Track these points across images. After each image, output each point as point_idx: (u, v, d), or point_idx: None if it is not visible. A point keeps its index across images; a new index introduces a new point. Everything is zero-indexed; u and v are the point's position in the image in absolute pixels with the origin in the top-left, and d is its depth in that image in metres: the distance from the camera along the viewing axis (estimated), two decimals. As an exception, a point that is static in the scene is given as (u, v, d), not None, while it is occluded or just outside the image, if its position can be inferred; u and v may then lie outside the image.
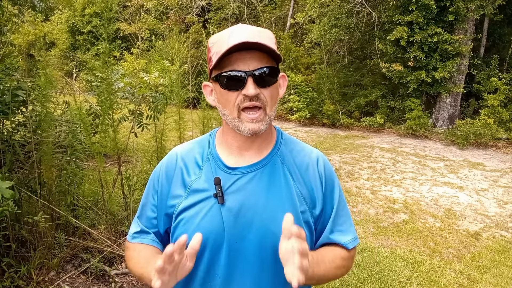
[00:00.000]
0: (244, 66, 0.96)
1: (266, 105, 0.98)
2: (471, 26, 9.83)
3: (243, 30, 0.98)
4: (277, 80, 1.01)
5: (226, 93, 0.99)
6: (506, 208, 5.16)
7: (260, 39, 0.95)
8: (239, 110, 0.98)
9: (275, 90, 1.02)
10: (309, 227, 1.04)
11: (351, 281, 3.21)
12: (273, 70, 0.99)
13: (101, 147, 3.04)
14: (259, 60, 0.96)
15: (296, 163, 1.07)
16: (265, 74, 0.97)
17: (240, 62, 0.96)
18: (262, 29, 1.02)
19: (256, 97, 0.96)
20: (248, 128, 0.98)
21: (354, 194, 5.54)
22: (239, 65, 0.96)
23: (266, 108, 0.99)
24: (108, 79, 2.98)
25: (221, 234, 1.00)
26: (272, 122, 1.08)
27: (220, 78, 0.98)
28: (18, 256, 2.84)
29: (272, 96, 1.00)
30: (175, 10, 15.71)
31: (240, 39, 0.93)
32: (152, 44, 14.89)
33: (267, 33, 1.01)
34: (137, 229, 1.14)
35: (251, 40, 0.93)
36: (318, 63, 12.70)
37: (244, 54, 0.96)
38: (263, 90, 0.97)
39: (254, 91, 0.95)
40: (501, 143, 9.13)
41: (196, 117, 3.38)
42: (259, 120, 0.98)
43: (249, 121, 0.98)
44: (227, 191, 1.02)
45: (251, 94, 0.95)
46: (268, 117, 0.99)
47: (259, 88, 0.97)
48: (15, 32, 4.62)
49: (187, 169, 1.09)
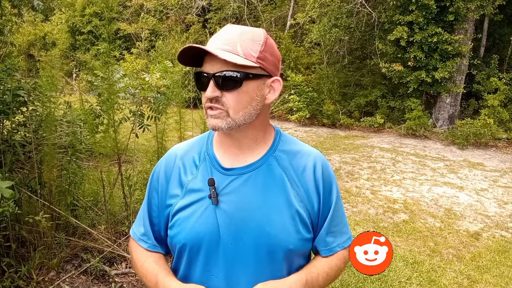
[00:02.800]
0: (210, 68, 0.97)
1: (228, 108, 0.97)
2: (471, 26, 9.83)
3: (224, 32, 1.00)
4: (242, 85, 0.97)
5: (202, 92, 1.02)
6: (506, 208, 5.16)
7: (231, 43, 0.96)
8: (205, 109, 1.01)
9: (244, 95, 0.98)
10: (306, 228, 1.04)
11: (351, 281, 3.22)
12: (238, 75, 0.95)
13: (101, 147, 3.04)
14: (223, 64, 0.95)
15: (293, 165, 1.07)
16: (226, 78, 0.96)
17: (207, 64, 0.98)
18: (248, 30, 1.00)
19: (216, 99, 0.97)
20: (209, 123, 1.00)
21: (354, 194, 5.54)
22: (206, 66, 0.98)
23: (229, 111, 0.97)
24: (109, 79, 2.98)
25: (216, 235, 1.00)
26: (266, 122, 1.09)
27: (195, 78, 1.02)
28: (18, 256, 2.84)
29: (237, 100, 0.97)
30: (175, 10, 15.70)
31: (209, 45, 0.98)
32: (152, 44, 14.91)
33: (252, 35, 0.99)
34: (141, 229, 1.15)
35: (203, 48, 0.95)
36: (318, 63, 12.69)
37: (212, 56, 0.97)
38: (226, 93, 0.97)
39: (210, 94, 0.96)
40: (501, 143, 9.14)
41: (197, 117, 3.39)
42: (217, 117, 0.98)
43: (209, 117, 1.00)
44: (222, 192, 1.02)
45: (208, 96, 0.97)
46: (231, 119, 0.98)
47: (222, 91, 0.97)
48: (15, 32, 4.61)
49: (184, 168, 1.09)
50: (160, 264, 1.09)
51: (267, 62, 1.00)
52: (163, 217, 1.10)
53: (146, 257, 1.12)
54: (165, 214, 1.09)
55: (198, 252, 1.02)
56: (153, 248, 1.13)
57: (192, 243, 1.02)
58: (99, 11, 17.02)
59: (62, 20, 20.19)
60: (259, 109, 1.02)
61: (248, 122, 1.01)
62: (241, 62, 0.94)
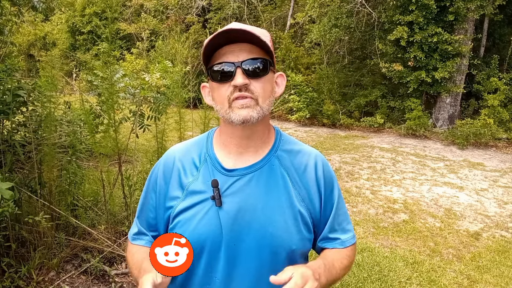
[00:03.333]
0: (233, 57, 0.95)
1: (258, 96, 0.97)
2: (471, 26, 9.83)
3: (233, 25, 0.97)
4: (268, 73, 0.99)
5: (218, 86, 0.98)
6: (506, 208, 5.16)
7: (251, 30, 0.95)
8: (229, 102, 0.97)
9: (268, 83, 1.00)
10: (307, 228, 1.04)
11: (351, 281, 3.22)
12: (264, 62, 0.97)
13: (102, 147, 3.04)
14: (249, 52, 0.96)
15: (294, 165, 1.07)
16: (255, 66, 0.96)
17: (229, 54, 0.96)
18: (256, 27, 1.01)
19: (245, 87, 0.95)
20: (238, 114, 0.95)
21: (354, 194, 5.54)
22: (228, 57, 0.96)
23: (258, 99, 0.97)
24: (109, 79, 2.98)
25: (219, 237, 1.00)
26: (269, 121, 1.09)
27: (211, 72, 0.99)
28: (18, 256, 2.84)
29: (265, 89, 0.98)
30: (175, 10, 15.71)
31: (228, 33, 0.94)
32: (152, 44, 14.91)
33: (261, 30, 1.01)
34: (135, 230, 1.15)
35: (236, 27, 0.92)
36: (318, 63, 12.70)
37: (233, 46, 0.96)
38: (253, 82, 0.96)
39: (242, 81, 0.94)
40: (501, 143, 9.14)
41: (197, 117, 3.39)
42: (249, 106, 0.96)
43: (239, 107, 0.96)
44: (225, 193, 1.01)
45: (239, 84, 0.94)
46: (260, 107, 0.97)
47: (249, 79, 0.96)
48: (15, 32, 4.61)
49: (184, 170, 1.08)
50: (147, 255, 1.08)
51: (273, 57, 1.02)
52: (162, 219, 1.09)
53: (138, 249, 1.11)
54: (165, 216, 1.08)
55: (200, 253, 1.02)
56: (150, 244, 1.11)
57: (194, 245, 1.00)
58: (99, 11, 17.04)
59: (62, 20, 20.19)
60: (272, 104, 1.03)
61: (267, 114, 1.01)
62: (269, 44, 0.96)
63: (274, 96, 1.04)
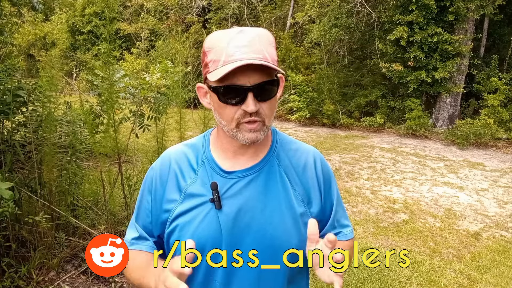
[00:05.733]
0: (245, 79, 0.91)
1: (265, 117, 0.96)
2: (471, 26, 9.83)
3: (242, 40, 0.92)
4: (277, 94, 0.99)
5: (225, 106, 0.95)
6: (506, 208, 5.16)
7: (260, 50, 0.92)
8: (238, 123, 0.95)
9: (275, 101, 0.99)
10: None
11: (351, 281, 3.22)
12: (273, 83, 0.96)
13: (101, 147, 3.04)
14: (259, 74, 0.92)
15: (293, 164, 1.07)
16: (266, 89, 0.94)
17: (240, 75, 0.91)
18: (261, 33, 0.97)
19: (256, 112, 0.94)
20: (247, 137, 0.96)
21: (354, 194, 5.54)
22: (239, 78, 0.91)
23: (265, 120, 0.97)
24: (109, 79, 2.98)
25: (219, 240, 0.99)
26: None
27: (219, 91, 0.94)
28: (18, 256, 2.84)
29: (271, 108, 0.98)
30: (175, 10, 15.71)
31: (242, 57, 0.89)
32: (152, 44, 14.91)
33: (266, 37, 0.97)
34: (135, 234, 1.11)
35: (256, 62, 0.89)
36: (318, 63, 12.70)
37: (248, 67, 0.91)
38: (263, 104, 0.95)
39: (254, 108, 0.92)
40: (501, 143, 9.14)
41: (197, 117, 3.39)
42: (257, 130, 0.96)
43: (248, 131, 0.95)
44: (224, 196, 1.00)
45: (252, 111, 0.92)
46: (266, 127, 0.98)
47: (259, 103, 0.94)
48: (15, 32, 4.61)
49: (181, 172, 1.06)
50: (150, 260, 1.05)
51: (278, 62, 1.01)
52: (157, 224, 1.08)
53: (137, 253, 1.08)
54: (161, 220, 1.06)
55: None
56: (151, 250, 1.09)
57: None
58: (99, 11, 17.03)
59: (62, 20, 20.19)
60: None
61: None
62: (279, 70, 0.94)
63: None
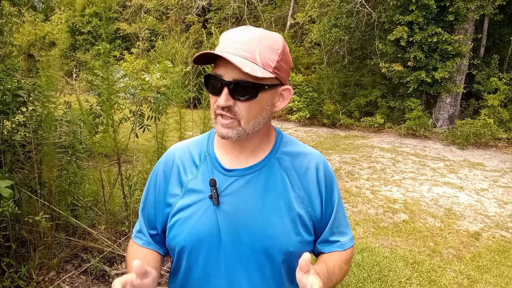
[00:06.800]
0: (224, 73, 0.92)
1: (240, 118, 0.95)
2: (471, 26, 9.83)
3: (243, 36, 0.93)
4: (257, 97, 0.94)
5: (210, 94, 0.98)
6: (506, 208, 5.16)
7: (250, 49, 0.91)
8: (215, 114, 0.97)
9: (256, 105, 0.95)
10: (307, 230, 1.04)
11: (351, 281, 3.22)
12: (254, 88, 0.92)
13: (101, 147, 3.04)
14: (240, 72, 0.90)
15: (295, 166, 1.06)
16: (242, 88, 0.92)
17: (222, 68, 0.92)
18: (269, 36, 0.95)
19: (228, 108, 0.93)
20: (219, 131, 0.96)
21: (354, 194, 5.54)
22: (221, 70, 0.92)
23: (240, 120, 0.95)
24: (108, 79, 2.98)
25: (216, 237, 0.99)
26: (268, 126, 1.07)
27: (205, 79, 0.98)
28: (18, 256, 2.84)
29: (249, 111, 0.95)
30: (175, 10, 15.71)
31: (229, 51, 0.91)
32: (152, 44, 14.91)
33: (270, 42, 0.95)
34: (137, 227, 1.16)
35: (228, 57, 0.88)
36: (318, 63, 12.70)
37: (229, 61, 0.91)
38: (239, 103, 0.94)
39: (224, 103, 0.92)
40: (501, 143, 9.14)
41: (197, 117, 3.39)
42: (229, 127, 0.95)
43: (220, 125, 0.96)
44: (223, 193, 1.01)
45: (221, 105, 0.92)
46: (242, 129, 0.96)
47: (235, 100, 0.93)
48: (15, 32, 4.61)
49: (184, 167, 1.08)
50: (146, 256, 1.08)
51: (281, 71, 0.96)
52: (161, 217, 1.10)
53: (136, 251, 1.12)
54: (164, 214, 1.08)
55: (198, 253, 1.01)
56: (148, 245, 1.12)
57: (192, 244, 1.01)
58: (99, 11, 17.03)
59: (62, 20, 20.20)
60: (268, 117, 1.01)
61: (256, 130, 0.99)
62: (261, 74, 0.90)
63: (272, 111, 1.01)
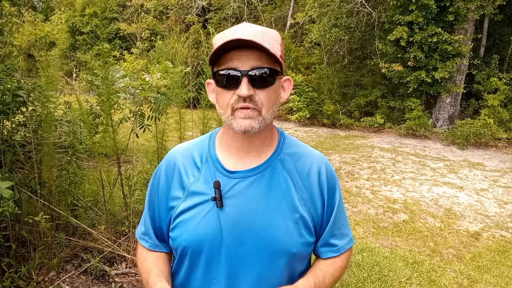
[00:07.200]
0: (241, 65, 0.92)
1: (261, 107, 0.95)
2: (471, 26, 9.83)
3: (246, 28, 0.95)
4: (275, 83, 0.96)
5: (222, 91, 0.96)
6: (506, 208, 5.16)
7: (260, 39, 0.92)
8: (233, 110, 0.95)
9: (273, 93, 0.97)
10: (309, 232, 1.03)
11: (351, 281, 3.22)
12: (272, 72, 0.94)
13: (101, 147, 3.04)
14: (257, 60, 0.92)
15: (297, 168, 1.06)
16: (262, 75, 0.93)
17: (236, 60, 0.92)
18: (268, 29, 0.98)
19: (250, 98, 0.93)
20: (240, 125, 0.94)
21: (354, 194, 5.54)
22: (235, 63, 0.93)
23: (262, 110, 0.95)
24: (108, 79, 2.98)
25: (218, 239, 0.99)
26: (272, 124, 1.07)
27: (216, 76, 0.96)
28: (18, 256, 2.84)
29: (269, 98, 0.96)
30: (175, 10, 15.71)
31: (236, 36, 0.91)
32: (152, 44, 14.91)
33: (272, 34, 0.98)
34: (142, 229, 1.16)
35: (247, 38, 0.89)
36: (318, 63, 12.70)
37: (242, 51, 0.92)
38: (258, 92, 0.94)
39: (247, 92, 0.92)
40: (501, 143, 9.14)
41: (196, 117, 3.39)
42: (251, 117, 0.94)
43: (241, 118, 0.94)
44: (226, 195, 1.00)
45: (244, 95, 0.92)
46: (262, 118, 0.96)
47: (255, 89, 0.93)
48: (15, 32, 4.61)
49: (185, 170, 1.07)
50: (157, 263, 1.09)
51: (283, 62, 1.00)
52: (165, 219, 1.10)
53: (146, 256, 1.13)
54: (168, 216, 1.08)
55: (199, 255, 1.01)
56: (154, 247, 1.13)
57: (194, 245, 1.01)
58: (99, 11, 17.04)
59: (62, 20, 20.21)
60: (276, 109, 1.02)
61: (270, 122, 1.00)
62: (278, 56, 0.93)
63: (280, 102, 1.03)
